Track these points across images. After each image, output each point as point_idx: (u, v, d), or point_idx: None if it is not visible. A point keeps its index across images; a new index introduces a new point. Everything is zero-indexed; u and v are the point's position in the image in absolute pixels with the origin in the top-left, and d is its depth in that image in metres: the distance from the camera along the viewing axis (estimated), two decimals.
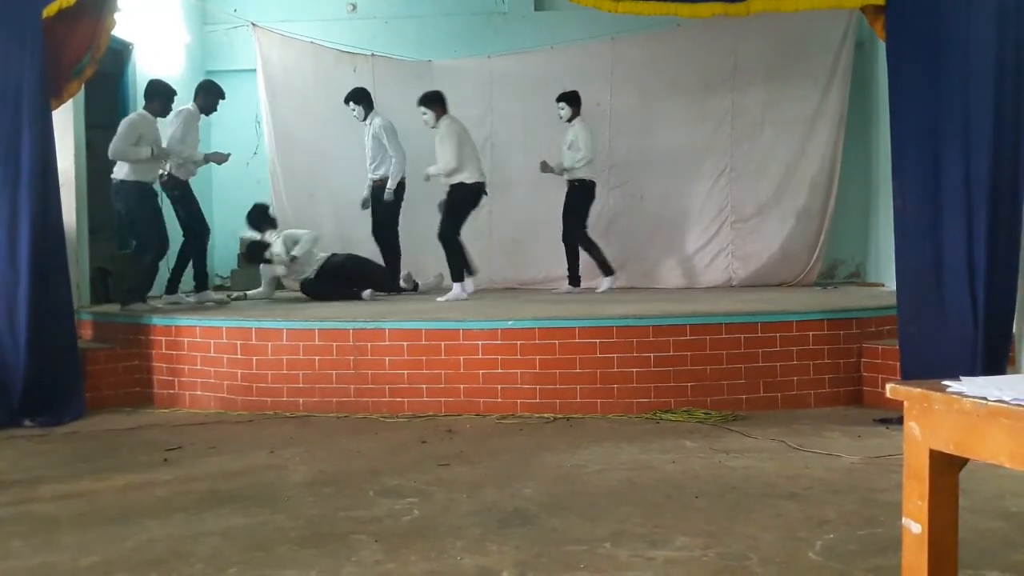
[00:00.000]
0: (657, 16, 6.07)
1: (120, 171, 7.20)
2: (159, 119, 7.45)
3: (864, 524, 3.64)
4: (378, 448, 5.19)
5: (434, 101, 8.11)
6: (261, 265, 8.51)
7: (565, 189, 8.63)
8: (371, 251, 8.80)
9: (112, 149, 7.10)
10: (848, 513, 3.79)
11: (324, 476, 4.56)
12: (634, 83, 9.46)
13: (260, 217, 8.55)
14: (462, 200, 8.00)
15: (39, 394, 6.02)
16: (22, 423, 5.92)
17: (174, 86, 7.60)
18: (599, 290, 8.51)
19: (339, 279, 8.26)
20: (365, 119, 8.68)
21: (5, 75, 6.04)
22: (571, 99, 8.57)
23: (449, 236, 7.95)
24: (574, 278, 8.72)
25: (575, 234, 8.59)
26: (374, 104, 8.72)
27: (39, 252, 6.03)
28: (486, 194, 8.17)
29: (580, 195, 8.57)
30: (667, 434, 5.37)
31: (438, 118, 8.06)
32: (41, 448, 5.39)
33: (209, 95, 7.95)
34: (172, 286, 7.94)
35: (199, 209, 7.99)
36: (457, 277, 7.97)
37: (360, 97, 8.70)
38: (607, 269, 8.58)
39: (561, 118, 8.61)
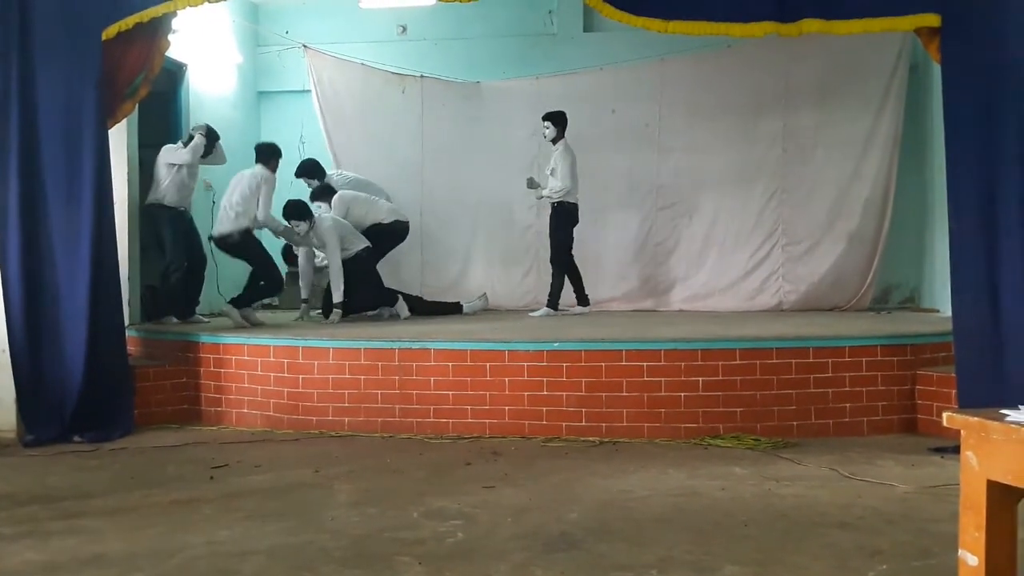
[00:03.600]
0: (708, 36, 6.02)
1: (155, 195, 7.56)
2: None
3: (918, 555, 3.55)
4: (423, 469, 5.17)
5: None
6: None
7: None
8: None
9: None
10: (902, 543, 3.70)
11: (369, 496, 4.55)
12: (684, 104, 9.41)
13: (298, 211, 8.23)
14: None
15: (90, 410, 6.10)
16: (72, 439, 6.00)
17: (226, 107, 7.68)
18: (533, 314, 8.39)
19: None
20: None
21: (68, 97, 6.16)
22: (557, 119, 8.40)
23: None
24: (581, 298, 8.56)
25: (555, 255, 8.46)
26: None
27: (96, 271, 6.12)
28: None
29: (562, 217, 8.41)
30: (716, 460, 5.29)
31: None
32: (90, 464, 5.45)
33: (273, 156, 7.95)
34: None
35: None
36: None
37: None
38: (554, 302, 8.41)
39: (545, 137, 8.50)
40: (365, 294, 8.08)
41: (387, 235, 8.55)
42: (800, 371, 5.96)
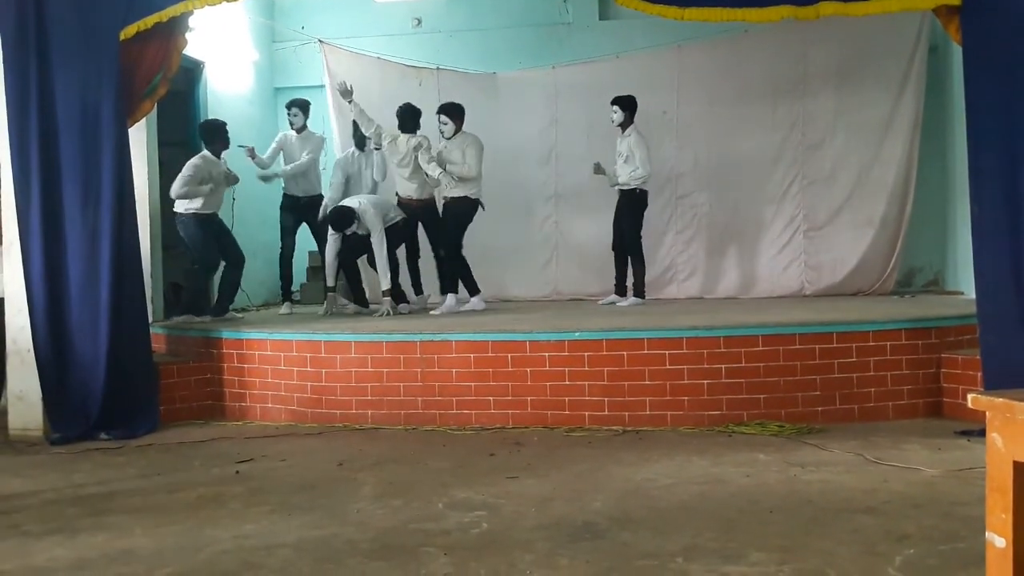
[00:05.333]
0: (724, 23, 5.99)
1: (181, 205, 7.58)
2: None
3: (945, 539, 3.53)
4: (446, 460, 5.18)
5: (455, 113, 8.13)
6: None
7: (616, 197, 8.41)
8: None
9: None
10: (928, 528, 3.68)
11: (393, 488, 4.56)
12: (701, 91, 9.34)
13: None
14: (466, 213, 8.04)
15: (115, 407, 6.14)
16: (98, 436, 6.05)
17: (243, 103, 7.65)
18: (621, 303, 8.23)
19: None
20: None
21: (85, 97, 6.19)
22: (626, 104, 8.19)
23: (456, 251, 8.04)
24: (621, 288, 8.41)
25: (631, 243, 8.30)
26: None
27: (117, 269, 6.16)
28: (483, 208, 8.17)
29: (636, 205, 8.26)
30: (740, 447, 5.27)
31: (457, 131, 8.07)
32: (116, 461, 5.49)
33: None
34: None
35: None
36: (475, 290, 8.05)
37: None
38: (640, 290, 8.23)
39: (613, 122, 8.29)
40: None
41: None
42: (824, 356, 5.93)
